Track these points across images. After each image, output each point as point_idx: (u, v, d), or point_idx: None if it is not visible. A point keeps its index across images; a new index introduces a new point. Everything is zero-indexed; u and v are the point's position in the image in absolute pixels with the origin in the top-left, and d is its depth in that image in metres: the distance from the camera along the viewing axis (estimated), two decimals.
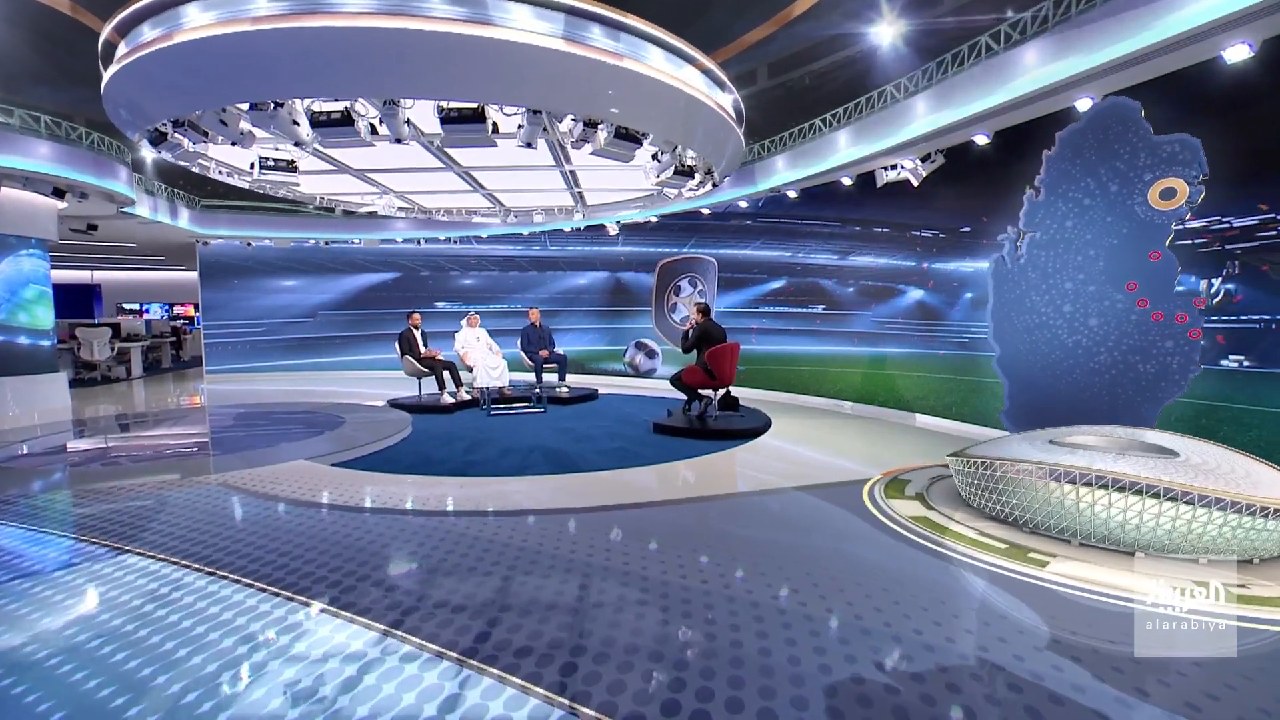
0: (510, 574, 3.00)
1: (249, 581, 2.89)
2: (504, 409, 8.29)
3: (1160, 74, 4.42)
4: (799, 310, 9.27)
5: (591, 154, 5.02)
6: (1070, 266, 5.20)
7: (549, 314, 12.11)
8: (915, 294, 7.21)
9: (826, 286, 8.70)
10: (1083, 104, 4.92)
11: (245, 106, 4.44)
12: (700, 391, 7.29)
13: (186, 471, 4.89)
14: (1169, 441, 3.82)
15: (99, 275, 18.18)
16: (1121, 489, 3.13)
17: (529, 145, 4.81)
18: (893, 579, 2.95)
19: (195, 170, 6.18)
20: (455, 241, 12.71)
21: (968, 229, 6.40)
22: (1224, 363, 4.52)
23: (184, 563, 3.11)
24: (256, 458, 5.29)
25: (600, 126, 4.70)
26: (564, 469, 5.17)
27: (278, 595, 2.75)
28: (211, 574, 2.97)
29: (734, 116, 5.57)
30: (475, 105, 4.45)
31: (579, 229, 11.88)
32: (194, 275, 13.85)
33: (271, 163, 5.62)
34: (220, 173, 6.34)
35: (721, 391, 7.29)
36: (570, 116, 4.63)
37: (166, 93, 4.47)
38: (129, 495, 4.28)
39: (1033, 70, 4.80)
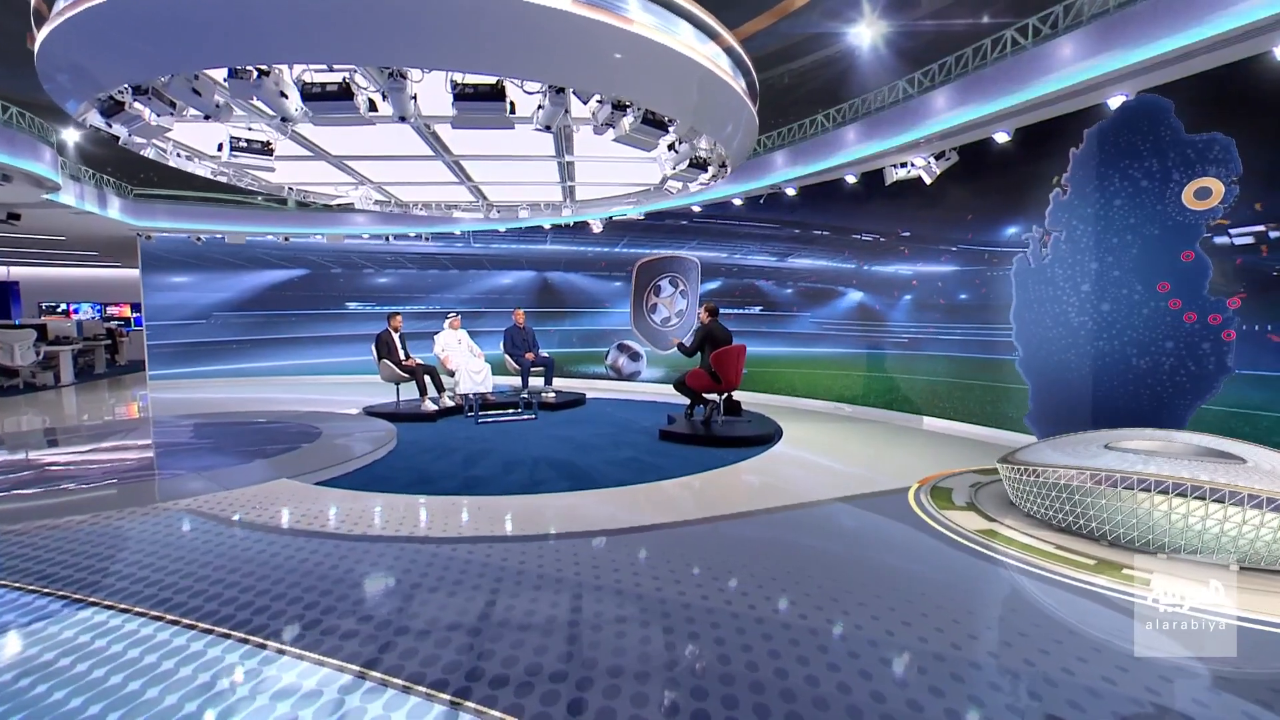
0: (573, 614, 2.58)
1: (259, 641, 2.37)
2: (493, 416, 7.77)
3: (1197, 71, 4.35)
4: (777, 314, 9.18)
5: (614, 140, 4.61)
6: (1099, 266, 5.12)
7: (470, 316, 11.59)
8: (924, 297, 7.11)
9: (820, 288, 8.54)
10: (1115, 101, 4.84)
11: (223, 73, 3.84)
12: (704, 396, 6.99)
13: (144, 497, 4.22)
14: (1228, 446, 3.72)
15: (16, 271, 16.46)
16: (1220, 499, 2.96)
17: (547, 129, 4.37)
18: (1003, 605, 2.69)
19: (149, 155, 5.43)
20: (424, 236, 12.01)
21: (985, 229, 6.31)
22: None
23: (159, 615, 2.55)
24: (229, 477, 4.64)
25: (629, 110, 4.30)
26: (580, 484, 4.75)
27: (294, 656, 2.25)
28: (208, 631, 2.43)
29: (753, 103, 5.26)
30: (494, 81, 3.98)
31: (511, 227, 11.49)
32: (130, 273, 12.70)
33: (244, 144, 4.96)
34: (179, 155, 5.62)
35: (723, 396, 6.99)
36: (597, 97, 4.21)
37: (123, 54, 3.81)
38: (74, 528, 3.61)
39: (1068, 65, 4.68)
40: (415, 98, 4.08)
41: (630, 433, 6.86)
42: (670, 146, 5.36)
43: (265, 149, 5.10)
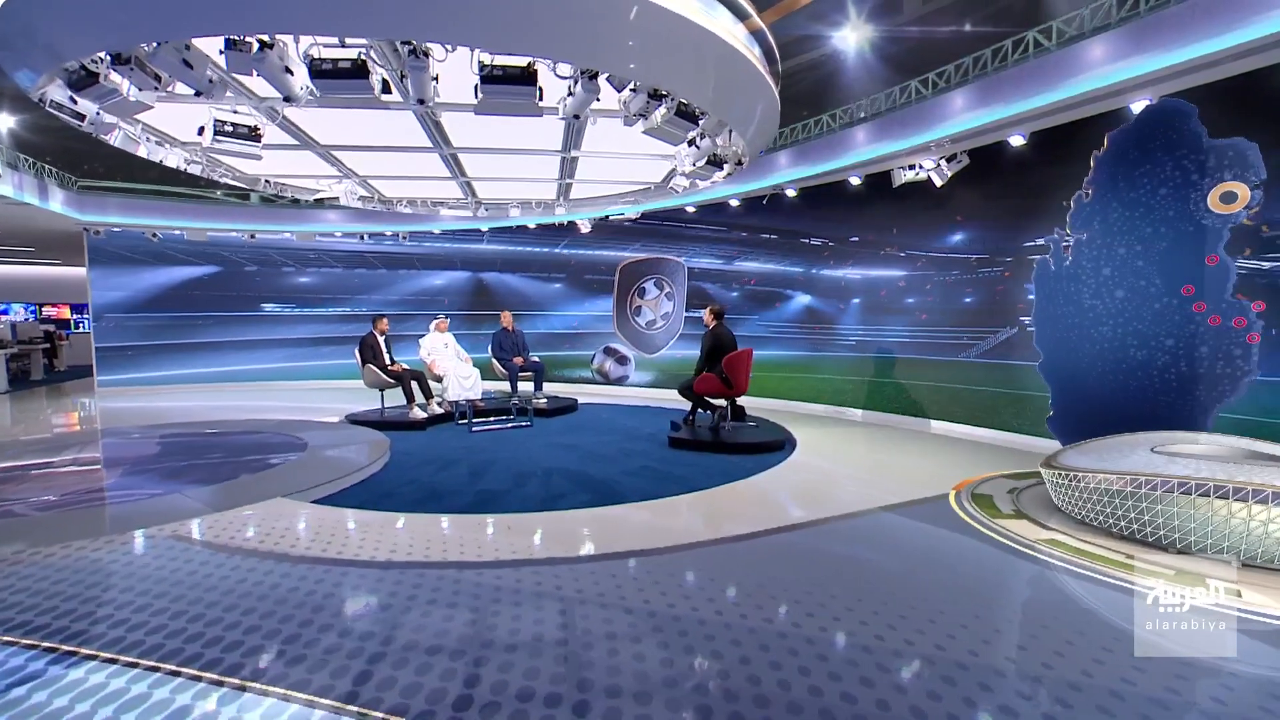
0: (663, 650, 2.30)
1: (304, 698, 2.01)
2: (487, 424, 7.37)
3: (1230, 75, 4.36)
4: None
5: (644, 133, 4.35)
6: (1123, 269, 5.13)
7: (395, 319, 11.25)
8: (911, 299, 7.09)
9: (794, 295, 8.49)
10: (1138, 105, 4.85)
11: (219, 44, 3.41)
12: (711, 401, 6.79)
13: (125, 522, 3.72)
14: (1274, 450, 3.72)
15: None
16: None
17: (575, 118, 4.08)
18: (1109, 626, 2.54)
19: (115, 141, 4.83)
20: (401, 236, 11.45)
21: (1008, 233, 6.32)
22: None
23: (174, 669, 2.16)
24: (218, 497, 4.16)
25: (664, 100, 4.05)
26: (604, 498, 4.45)
27: (331, 710, 1.91)
28: (239, 688, 2.06)
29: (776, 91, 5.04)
30: (526, 63, 3.67)
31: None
32: (68, 271, 11.68)
33: (230, 128, 4.48)
34: (149, 140, 5.07)
35: (730, 401, 6.80)
36: (631, 85, 3.94)
37: (103, 16, 3.34)
38: (42, 562, 3.12)
39: (1096, 68, 4.66)
40: (437, 79, 3.73)
41: (636, 440, 6.59)
42: (690, 142, 5.13)
43: (252, 134, 4.64)
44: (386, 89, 3.82)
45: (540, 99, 3.88)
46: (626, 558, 3.30)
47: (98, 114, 4.22)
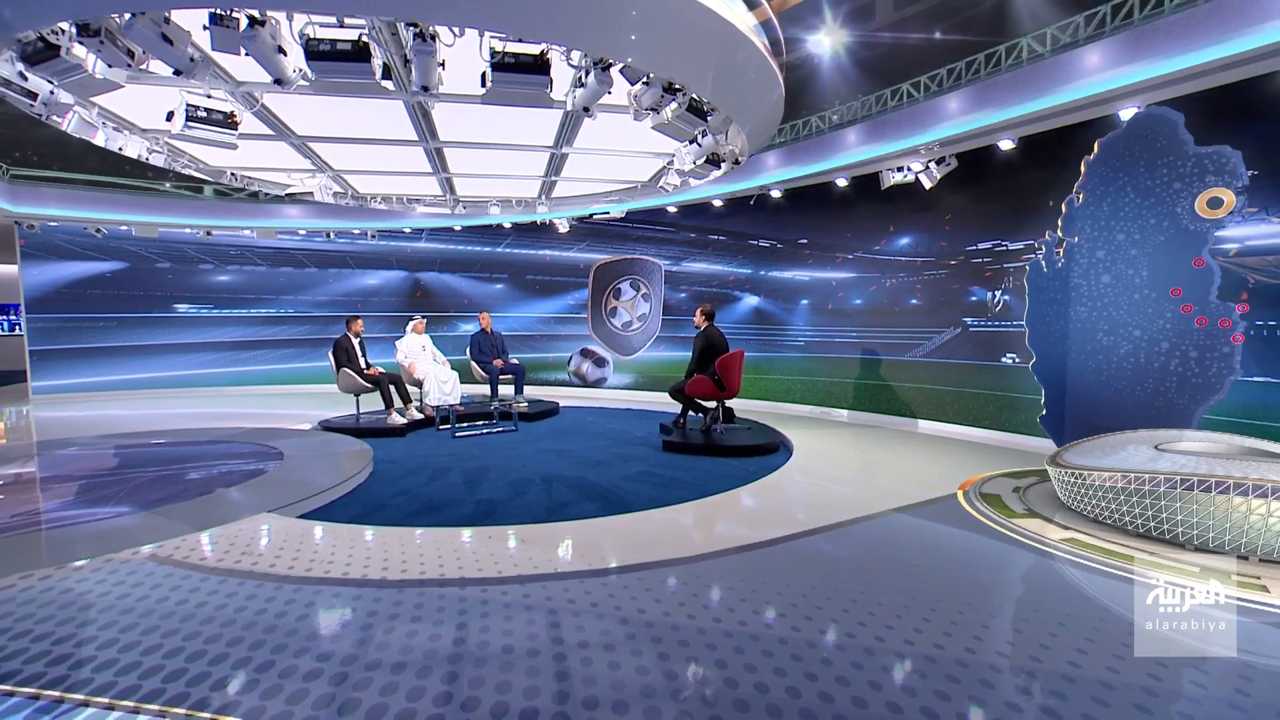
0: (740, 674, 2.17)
1: None
2: (470, 429, 7.10)
3: (1223, 84, 4.51)
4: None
5: (653, 128, 4.21)
6: (1112, 271, 5.27)
7: (328, 320, 11.02)
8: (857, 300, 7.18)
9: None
10: (1127, 112, 4.99)
11: (204, 18, 3.11)
12: (702, 404, 6.69)
13: (96, 544, 3.34)
14: (1270, 447, 3.84)
15: None
16: None
17: (585, 110, 3.90)
18: (1155, 633, 2.53)
19: (68, 127, 4.34)
20: (370, 234, 10.99)
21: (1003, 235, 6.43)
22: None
23: (183, 713, 1.91)
24: (197, 514, 3.80)
25: (677, 94, 3.92)
26: (613, 506, 4.29)
27: None
28: None
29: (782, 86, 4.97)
30: (539, 50, 3.48)
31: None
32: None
33: (203, 114, 4.12)
34: (106, 126, 4.64)
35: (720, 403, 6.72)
36: (644, 79, 3.80)
37: None
38: None
39: (1089, 75, 4.77)
40: (444, 65, 3.50)
41: (627, 444, 6.45)
42: (692, 139, 5.02)
43: (228, 121, 4.30)
44: (387, 74, 3.57)
45: (550, 89, 3.69)
46: (657, 568, 3.15)
47: (52, 93, 3.82)
